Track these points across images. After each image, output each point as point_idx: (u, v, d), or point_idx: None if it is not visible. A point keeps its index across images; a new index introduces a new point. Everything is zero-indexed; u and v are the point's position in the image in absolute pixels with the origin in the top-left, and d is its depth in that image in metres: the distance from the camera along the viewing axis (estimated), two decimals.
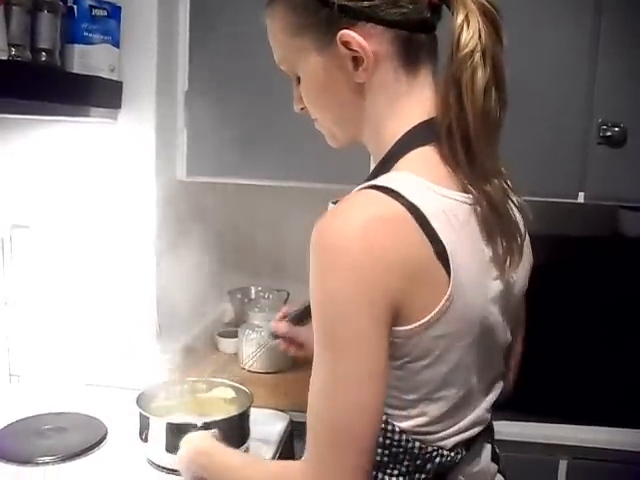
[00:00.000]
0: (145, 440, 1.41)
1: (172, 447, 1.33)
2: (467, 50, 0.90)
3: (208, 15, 1.85)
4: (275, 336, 1.46)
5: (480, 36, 0.90)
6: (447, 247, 0.87)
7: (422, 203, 0.87)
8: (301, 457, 0.96)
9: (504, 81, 0.94)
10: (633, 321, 1.81)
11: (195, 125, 1.90)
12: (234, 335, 2.07)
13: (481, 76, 0.90)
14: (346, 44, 0.94)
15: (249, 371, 1.93)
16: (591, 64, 1.72)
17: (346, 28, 0.93)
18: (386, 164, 0.96)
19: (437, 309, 0.88)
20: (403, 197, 0.86)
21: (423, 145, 0.95)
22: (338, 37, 0.94)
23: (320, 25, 0.95)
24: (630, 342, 1.82)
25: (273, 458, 1.50)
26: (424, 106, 0.98)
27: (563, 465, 1.78)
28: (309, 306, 1.32)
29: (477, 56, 0.90)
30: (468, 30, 0.90)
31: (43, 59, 1.42)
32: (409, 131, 0.97)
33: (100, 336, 1.82)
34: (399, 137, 0.97)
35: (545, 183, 1.74)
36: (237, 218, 2.41)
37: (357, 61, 0.95)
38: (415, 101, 0.99)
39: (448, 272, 0.88)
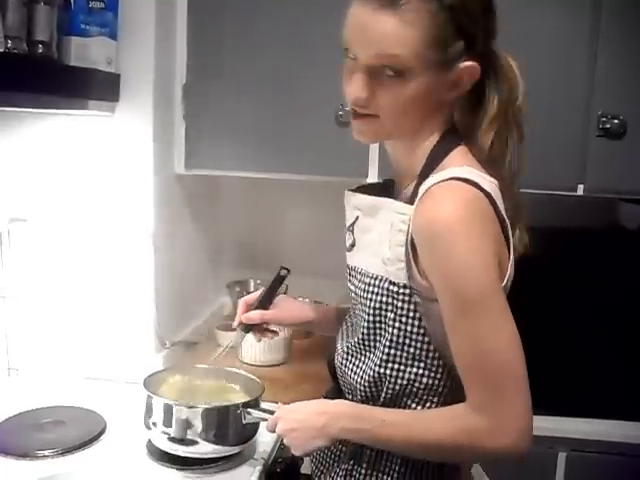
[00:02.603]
0: (148, 427, 1.40)
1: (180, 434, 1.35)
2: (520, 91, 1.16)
3: (207, 7, 1.85)
4: (248, 329, 1.44)
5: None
6: (508, 226, 1.11)
7: (489, 191, 1.08)
8: None
9: None
10: (632, 314, 1.81)
11: (193, 118, 1.89)
12: (233, 328, 2.06)
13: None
14: (462, 71, 1.09)
15: (248, 364, 1.93)
16: (591, 57, 1.72)
17: (468, 59, 1.09)
18: (436, 160, 1.14)
19: (507, 276, 1.11)
20: (479, 185, 1.07)
21: (457, 145, 1.15)
22: (463, 66, 1.09)
23: (457, 51, 1.08)
24: (629, 335, 1.82)
25: (273, 449, 1.50)
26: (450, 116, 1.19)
27: (562, 457, 1.79)
28: (272, 283, 1.43)
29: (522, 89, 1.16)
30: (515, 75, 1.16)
31: (40, 51, 1.41)
32: (442, 136, 1.16)
33: (99, 329, 1.83)
34: (436, 140, 1.15)
35: (545, 175, 1.73)
36: (235, 211, 2.41)
37: (454, 84, 1.11)
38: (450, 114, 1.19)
39: (507, 246, 1.11)
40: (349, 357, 1.24)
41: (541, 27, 1.72)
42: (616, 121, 1.71)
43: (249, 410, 1.37)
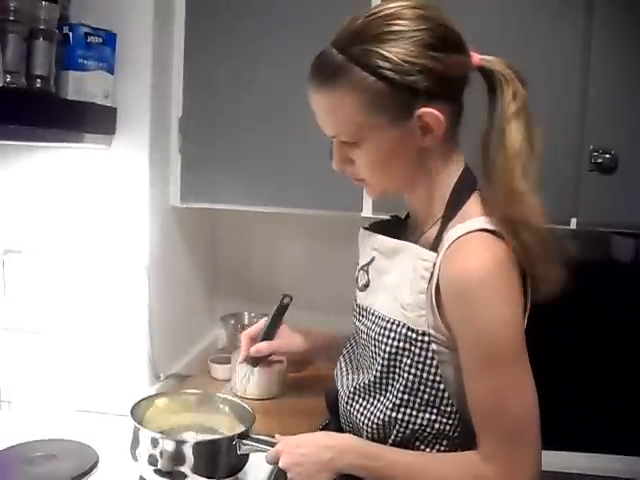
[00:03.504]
0: (135, 458, 1.38)
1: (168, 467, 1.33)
2: (514, 111, 1.13)
3: (203, 42, 1.87)
4: (255, 362, 1.44)
5: (524, 101, 1.15)
6: (526, 275, 1.12)
7: (508, 241, 1.09)
8: None
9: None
10: (624, 347, 1.81)
11: (189, 151, 1.91)
12: (227, 361, 2.05)
13: (521, 131, 1.14)
14: (421, 118, 1.10)
15: (242, 397, 1.92)
16: (582, 92, 1.74)
17: (423, 106, 1.09)
18: (456, 206, 1.15)
19: (525, 321, 1.13)
20: (502, 237, 1.08)
21: (472, 191, 1.17)
22: (418, 114, 1.10)
23: (401, 105, 1.10)
24: (620, 368, 1.82)
25: None
26: (460, 159, 1.20)
27: None
28: (276, 312, 1.47)
29: (522, 116, 1.14)
30: (516, 98, 1.14)
31: (38, 86, 1.43)
32: (458, 181, 1.17)
33: (92, 362, 1.82)
34: (452, 187, 1.16)
35: None
36: (230, 244, 2.41)
37: (425, 130, 1.11)
38: (457, 157, 1.19)
39: (525, 292, 1.13)
40: (356, 397, 1.23)
41: (531, 62, 1.73)
42: (608, 156, 1.73)
43: (244, 441, 1.34)
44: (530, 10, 1.75)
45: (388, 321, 1.16)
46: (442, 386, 1.13)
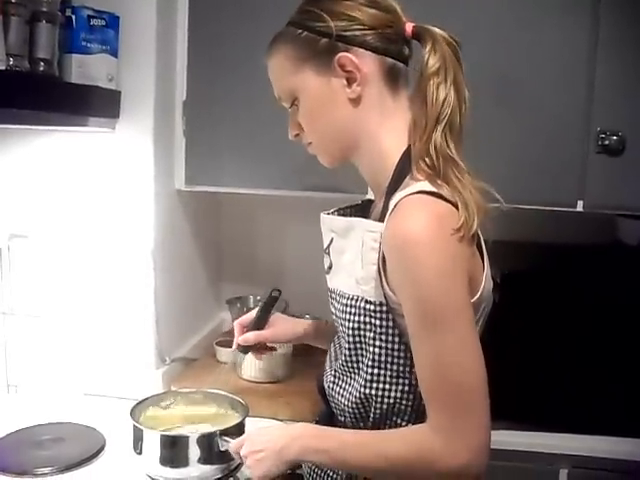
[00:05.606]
0: (140, 453, 1.39)
1: (166, 459, 1.34)
2: (433, 69, 1.11)
3: (207, 25, 1.86)
4: (246, 350, 1.47)
5: (444, 59, 1.11)
6: (481, 237, 1.13)
7: (453, 202, 1.06)
8: None
9: (464, 96, 1.13)
10: (632, 330, 1.81)
11: (193, 135, 1.90)
12: (232, 350, 2.05)
13: (442, 90, 1.10)
14: (342, 66, 1.14)
15: (248, 380, 1.92)
16: (590, 73, 1.73)
17: (342, 52, 1.13)
18: (402, 175, 1.13)
19: (482, 284, 1.11)
20: (446, 199, 1.06)
21: None
22: (336, 60, 1.14)
23: (320, 53, 1.15)
24: (629, 351, 1.82)
25: None
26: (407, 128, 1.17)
27: (564, 474, 1.78)
28: (265, 304, 1.48)
29: (441, 75, 1.11)
30: (435, 55, 1.11)
31: (41, 69, 1.42)
32: (405, 152, 1.15)
33: (98, 346, 1.82)
34: (401, 154, 1.15)
35: (544, 191, 1.74)
36: (235, 227, 2.41)
37: (350, 80, 1.15)
38: (403, 120, 1.17)
39: (481, 256, 1.13)
40: (336, 380, 1.24)
41: (540, 44, 1.73)
42: (615, 137, 1.71)
43: (225, 438, 1.33)
44: None
45: (348, 298, 1.16)
46: (409, 354, 1.11)
